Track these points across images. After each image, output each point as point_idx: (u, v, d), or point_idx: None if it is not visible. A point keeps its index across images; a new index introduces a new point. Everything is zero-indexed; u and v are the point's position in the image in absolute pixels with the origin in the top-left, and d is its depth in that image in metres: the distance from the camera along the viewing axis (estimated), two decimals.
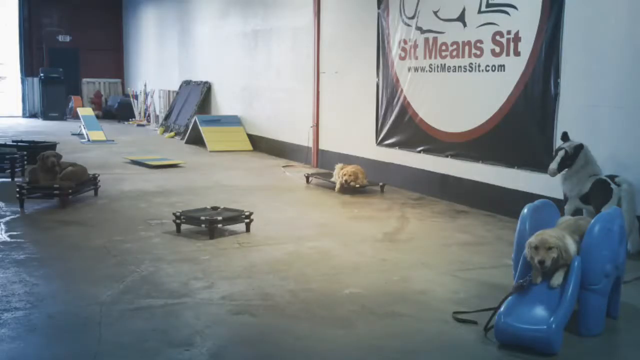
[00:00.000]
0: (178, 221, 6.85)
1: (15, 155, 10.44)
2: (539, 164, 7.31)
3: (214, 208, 7.28)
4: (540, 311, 4.04)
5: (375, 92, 10.31)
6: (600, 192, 6.08)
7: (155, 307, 4.65)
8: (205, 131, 14.89)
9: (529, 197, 6.76)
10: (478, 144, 8.34)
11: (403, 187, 9.70)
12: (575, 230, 4.44)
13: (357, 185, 9.34)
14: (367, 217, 7.91)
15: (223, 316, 4.51)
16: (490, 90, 8.10)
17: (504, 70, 7.89)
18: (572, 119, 7.02)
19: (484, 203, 8.23)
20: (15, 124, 20.77)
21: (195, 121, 15.42)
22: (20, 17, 24.74)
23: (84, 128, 16.46)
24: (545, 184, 7.10)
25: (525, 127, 7.63)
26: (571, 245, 4.23)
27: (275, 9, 13.58)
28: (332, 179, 9.70)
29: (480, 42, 8.21)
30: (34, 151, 10.70)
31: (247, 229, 6.93)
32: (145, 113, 21.86)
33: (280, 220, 7.55)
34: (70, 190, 8.14)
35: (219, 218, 6.79)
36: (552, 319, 3.94)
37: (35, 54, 24.68)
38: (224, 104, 16.58)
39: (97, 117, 18.49)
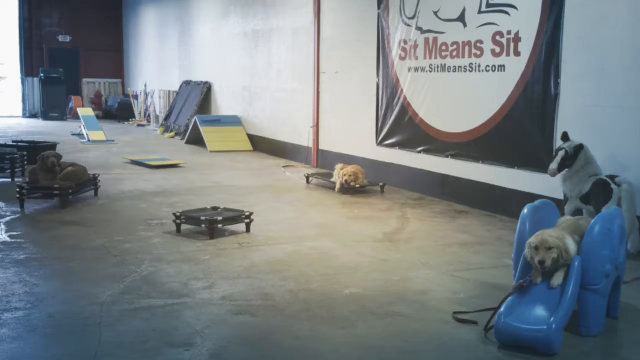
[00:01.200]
0: (178, 221, 6.86)
1: (15, 155, 10.43)
2: (539, 164, 7.32)
3: (214, 208, 7.28)
4: (540, 311, 4.04)
5: (375, 92, 10.31)
6: (600, 192, 6.08)
7: (155, 307, 4.64)
8: (205, 131, 14.89)
9: (529, 197, 6.77)
10: (478, 144, 8.34)
11: (403, 187, 9.71)
12: (575, 230, 4.44)
13: (357, 185, 9.34)
14: (367, 217, 7.91)
15: (223, 316, 4.51)
16: (490, 90, 8.10)
17: (504, 70, 7.89)
18: (572, 119, 7.02)
19: (484, 203, 8.23)
20: (15, 124, 20.76)
21: (195, 121, 15.41)
22: (20, 17, 24.74)
23: (84, 128, 16.46)
24: (545, 184, 7.10)
25: (525, 127, 7.63)
26: (571, 245, 4.23)
27: (275, 9, 13.58)
28: (332, 179, 9.69)
29: (480, 42, 8.21)
30: (34, 151, 10.71)
31: (247, 229, 6.94)
32: (145, 113, 21.85)
33: (280, 220, 7.55)
34: (70, 190, 8.14)
35: (219, 218, 6.78)
36: (552, 319, 3.93)
37: (35, 54, 24.68)
38: (224, 104, 16.58)
39: (97, 117, 18.48)
